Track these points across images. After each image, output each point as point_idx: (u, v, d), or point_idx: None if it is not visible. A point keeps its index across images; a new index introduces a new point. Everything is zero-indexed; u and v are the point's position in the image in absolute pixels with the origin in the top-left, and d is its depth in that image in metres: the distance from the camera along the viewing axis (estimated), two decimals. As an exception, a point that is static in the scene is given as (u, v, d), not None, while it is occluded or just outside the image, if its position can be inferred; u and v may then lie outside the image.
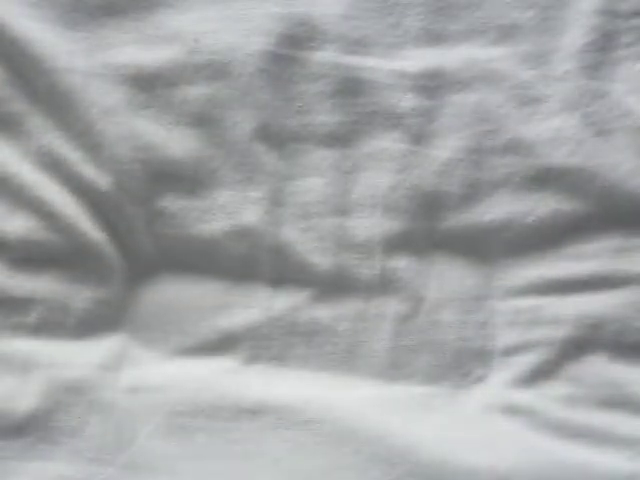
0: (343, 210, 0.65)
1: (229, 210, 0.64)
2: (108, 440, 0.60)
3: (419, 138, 0.66)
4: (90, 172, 0.63)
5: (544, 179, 0.65)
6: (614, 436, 0.62)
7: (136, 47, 0.65)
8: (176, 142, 0.64)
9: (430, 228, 0.65)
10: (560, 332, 0.64)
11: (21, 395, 0.60)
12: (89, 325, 0.63)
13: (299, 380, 0.64)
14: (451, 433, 0.62)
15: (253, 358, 0.64)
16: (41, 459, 0.59)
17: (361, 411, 0.62)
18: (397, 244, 0.65)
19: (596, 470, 0.60)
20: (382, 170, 0.66)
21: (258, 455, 0.61)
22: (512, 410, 0.63)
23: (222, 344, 0.64)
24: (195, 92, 0.65)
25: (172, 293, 0.65)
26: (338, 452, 0.60)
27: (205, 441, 0.61)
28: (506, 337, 0.64)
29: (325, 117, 0.66)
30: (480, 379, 0.64)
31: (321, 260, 0.65)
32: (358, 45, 0.67)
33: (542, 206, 0.65)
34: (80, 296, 0.63)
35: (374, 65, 0.66)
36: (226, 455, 0.61)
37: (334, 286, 0.65)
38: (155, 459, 0.60)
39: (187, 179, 0.65)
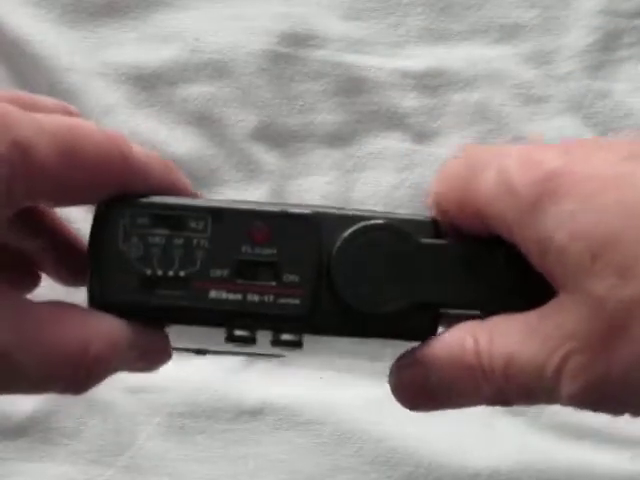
0: (344, 209, 0.65)
1: (230, 209, 0.64)
2: (108, 441, 0.60)
3: (421, 137, 0.66)
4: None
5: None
6: (615, 437, 0.61)
7: (137, 46, 0.65)
8: (177, 141, 0.64)
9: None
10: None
11: (21, 396, 0.60)
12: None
13: (300, 380, 0.63)
14: (452, 434, 0.62)
15: (253, 358, 0.64)
16: (41, 460, 0.59)
17: (362, 412, 0.62)
18: (399, 244, 0.65)
19: (597, 471, 0.60)
20: (384, 169, 0.65)
21: (258, 456, 0.61)
22: (513, 410, 0.62)
23: (222, 344, 0.64)
24: (196, 91, 0.64)
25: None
26: (338, 453, 0.60)
27: (205, 442, 0.61)
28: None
29: (327, 116, 0.66)
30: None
31: (322, 260, 0.64)
32: (360, 44, 0.66)
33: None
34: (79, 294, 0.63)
35: (376, 64, 0.66)
36: (226, 456, 0.61)
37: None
38: (155, 460, 0.60)
39: (188, 178, 0.64)
